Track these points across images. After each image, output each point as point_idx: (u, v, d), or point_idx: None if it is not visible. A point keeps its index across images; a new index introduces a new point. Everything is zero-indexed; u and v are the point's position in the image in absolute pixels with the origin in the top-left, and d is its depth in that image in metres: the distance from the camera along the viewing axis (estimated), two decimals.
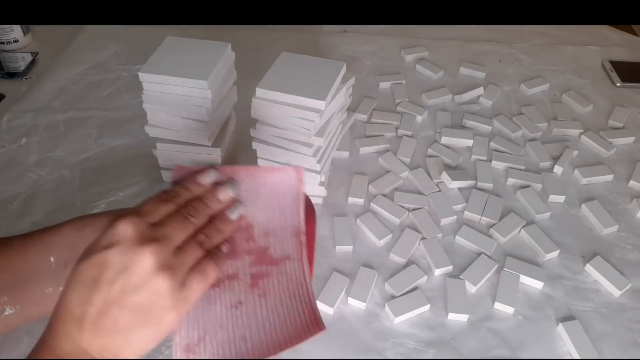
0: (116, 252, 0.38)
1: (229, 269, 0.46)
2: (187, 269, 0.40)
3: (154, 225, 0.40)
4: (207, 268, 0.42)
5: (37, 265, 0.47)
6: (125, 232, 0.38)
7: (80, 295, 0.38)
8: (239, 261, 0.46)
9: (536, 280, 0.66)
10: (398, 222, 0.73)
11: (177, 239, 0.40)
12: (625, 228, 0.74)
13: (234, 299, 0.45)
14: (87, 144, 0.83)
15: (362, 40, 1.07)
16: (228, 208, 0.46)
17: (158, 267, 0.38)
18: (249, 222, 0.47)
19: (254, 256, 0.47)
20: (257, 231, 0.47)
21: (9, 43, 1.01)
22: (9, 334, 0.55)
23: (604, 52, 1.07)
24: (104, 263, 0.38)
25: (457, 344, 0.60)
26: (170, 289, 0.38)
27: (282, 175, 0.48)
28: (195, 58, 0.68)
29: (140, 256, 0.38)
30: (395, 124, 0.88)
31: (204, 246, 0.42)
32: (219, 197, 0.45)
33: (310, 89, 0.66)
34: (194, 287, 0.40)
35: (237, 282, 0.46)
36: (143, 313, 0.38)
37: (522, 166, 0.81)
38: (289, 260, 0.47)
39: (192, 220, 0.42)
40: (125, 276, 0.38)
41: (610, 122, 0.90)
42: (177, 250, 0.40)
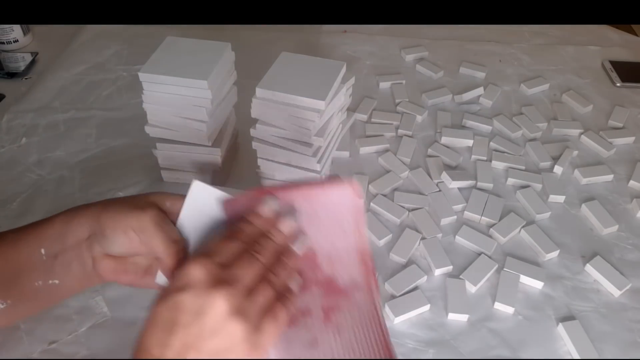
0: (190, 296, 0.38)
1: (300, 304, 0.44)
2: (259, 311, 0.40)
3: (223, 266, 0.39)
4: (278, 312, 0.41)
5: (28, 257, 0.47)
6: (196, 275, 0.38)
7: (158, 338, 0.38)
8: (309, 294, 0.44)
9: (536, 280, 0.66)
10: (398, 222, 0.73)
11: (247, 279, 0.40)
12: (625, 228, 0.74)
13: (310, 336, 0.43)
14: (87, 144, 0.83)
15: (362, 40, 1.07)
16: (292, 239, 0.44)
17: (232, 311, 0.38)
18: (311, 250, 0.44)
19: (322, 287, 0.44)
20: (321, 258, 0.45)
21: (9, 43, 1.01)
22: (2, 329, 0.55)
23: (604, 52, 1.07)
24: (179, 306, 0.38)
25: (457, 344, 0.60)
26: (245, 334, 0.38)
27: (339, 192, 0.44)
28: (195, 58, 0.68)
29: (213, 300, 0.38)
30: (395, 124, 0.88)
31: (275, 286, 0.41)
32: (282, 230, 0.43)
33: (310, 89, 0.66)
34: (268, 330, 0.40)
35: (310, 319, 0.44)
36: (219, 357, 0.38)
37: (522, 166, 0.81)
38: (357, 290, 0.45)
39: (260, 259, 0.41)
40: (200, 320, 0.38)
41: (610, 122, 0.90)
42: (249, 292, 0.39)
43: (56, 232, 0.47)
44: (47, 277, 0.47)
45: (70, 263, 0.47)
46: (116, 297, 0.62)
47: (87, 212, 0.47)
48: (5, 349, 0.57)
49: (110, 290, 0.63)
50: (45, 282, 0.47)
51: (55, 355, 0.57)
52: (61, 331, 0.59)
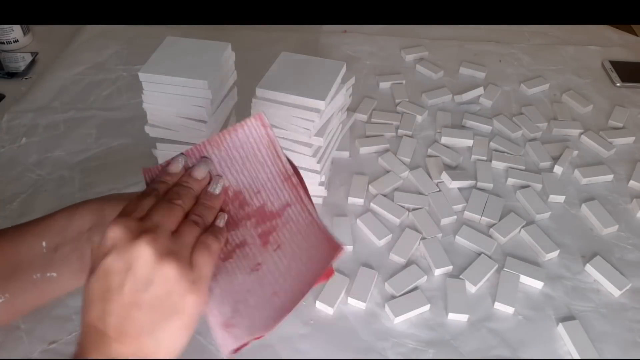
0: (114, 256, 0.38)
1: (235, 239, 0.45)
2: (189, 249, 0.40)
3: (141, 219, 0.39)
4: (208, 241, 0.41)
5: (29, 250, 0.47)
6: (116, 234, 0.38)
7: (97, 310, 0.38)
8: (243, 228, 0.46)
9: (536, 280, 0.66)
10: (398, 222, 0.73)
11: (169, 224, 0.40)
12: (625, 228, 0.74)
13: (252, 262, 0.45)
14: (87, 144, 0.83)
15: (362, 40, 1.07)
16: (209, 185, 0.45)
17: (159, 255, 0.37)
18: (236, 190, 0.47)
19: (254, 218, 0.46)
20: (248, 194, 0.46)
21: (9, 43, 1.01)
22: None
23: (604, 52, 1.07)
24: (107, 271, 0.38)
25: (457, 344, 0.60)
26: (179, 272, 0.38)
27: (247, 129, 0.46)
28: (195, 58, 0.68)
29: (138, 250, 0.37)
30: (395, 124, 0.88)
31: (199, 225, 0.42)
32: (195, 177, 0.44)
33: (310, 89, 0.66)
34: (201, 263, 0.40)
35: (248, 248, 0.45)
36: (162, 305, 0.38)
37: (522, 166, 0.81)
38: (289, 206, 0.46)
39: (177, 203, 0.41)
40: (131, 275, 0.37)
41: (610, 122, 0.91)
42: (173, 235, 0.39)
43: (58, 225, 0.47)
44: (45, 270, 0.47)
45: (69, 255, 0.47)
46: None
47: (90, 204, 0.47)
48: (5, 349, 0.57)
49: None
50: (43, 275, 0.47)
51: (55, 355, 0.57)
52: (61, 331, 0.59)
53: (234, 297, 0.43)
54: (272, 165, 0.47)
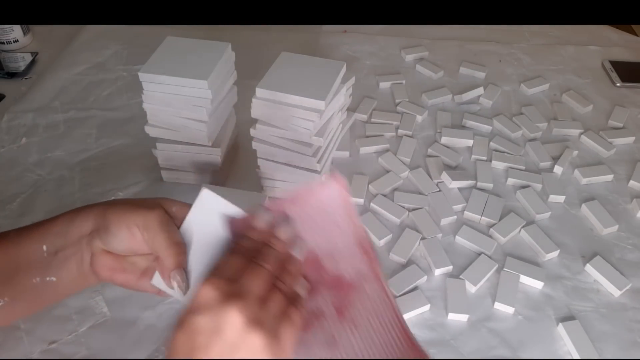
0: (205, 317, 0.38)
1: (312, 307, 0.45)
2: (274, 319, 0.40)
3: (231, 281, 0.40)
4: (292, 315, 0.41)
5: (29, 254, 0.47)
6: (207, 294, 0.38)
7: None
8: (319, 296, 0.45)
9: (536, 280, 0.66)
10: (398, 222, 0.73)
11: (257, 289, 0.40)
12: (625, 228, 0.74)
13: (328, 336, 0.44)
14: (87, 144, 0.83)
15: (362, 40, 1.07)
16: (291, 246, 0.45)
17: (248, 322, 0.38)
18: (313, 252, 0.45)
19: (330, 286, 0.45)
20: (324, 258, 0.45)
21: (9, 43, 1.01)
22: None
23: (604, 52, 1.07)
24: (196, 330, 0.38)
25: (457, 344, 0.60)
26: (265, 343, 0.38)
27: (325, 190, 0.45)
28: (195, 58, 0.68)
29: (228, 315, 0.38)
30: (395, 124, 0.88)
31: (285, 294, 0.42)
32: (280, 238, 0.44)
33: (310, 89, 0.66)
34: (286, 336, 0.40)
35: (324, 319, 0.45)
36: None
37: (522, 166, 0.81)
38: (365, 280, 0.45)
39: (265, 267, 0.41)
40: (219, 338, 0.38)
41: (610, 122, 0.91)
42: (261, 302, 0.40)
43: (60, 228, 0.47)
44: (45, 274, 0.47)
45: (69, 259, 0.47)
46: (116, 297, 0.62)
47: (92, 208, 0.47)
48: (5, 349, 0.57)
49: (110, 290, 0.63)
50: (42, 279, 0.47)
51: (55, 355, 0.57)
52: (61, 331, 0.59)
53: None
54: (348, 231, 0.46)
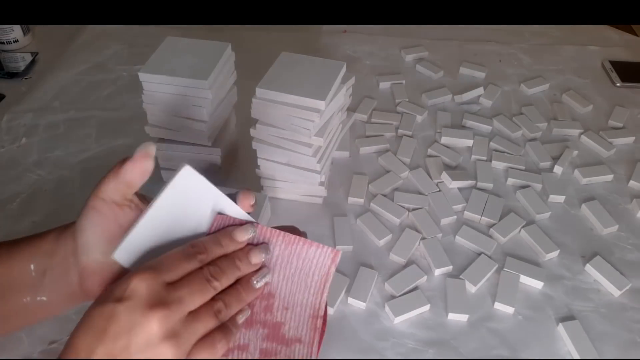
0: (125, 309, 0.37)
1: (241, 338, 0.45)
2: (196, 338, 0.39)
3: (169, 286, 0.38)
4: (217, 343, 0.40)
5: (19, 273, 0.46)
6: (137, 289, 0.37)
7: (87, 342, 0.38)
8: (253, 332, 0.45)
9: (536, 280, 0.66)
10: (398, 222, 0.73)
11: (191, 304, 0.39)
12: (625, 228, 0.74)
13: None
14: (87, 144, 0.83)
15: (362, 40, 1.07)
16: (256, 273, 0.44)
17: (164, 334, 0.37)
18: (271, 292, 0.46)
19: (267, 330, 0.45)
20: (277, 303, 0.46)
21: (9, 43, 1.01)
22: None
23: (604, 52, 1.07)
24: (112, 316, 0.37)
25: (457, 344, 0.60)
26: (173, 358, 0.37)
27: (317, 251, 0.45)
28: (195, 58, 0.68)
29: (147, 321, 0.37)
30: (395, 124, 0.88)
31: (220, 316, 0.41)
32: (250, 260, 0.43)
33: (310, 89, 0.66)
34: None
35: (246, 354, 0.45)
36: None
37: (522, 166, 0.81)
38: (300, 343, 0.45)
39: (213, 285, 0.40)
40: (129, 336, 0.37)
41: (610, 122, 0.90)
42: (190, 317, 0.39)
43: (47, 247, 0.46)
44: (35, 294, 0.46)
45: (58, 280, 0.46)
46: None
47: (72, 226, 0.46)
48: (5, 349, 0.57)
49: None
50: (33, 298, 0.46)
51: (55, 355, 0.57)
52: (61, 331, 0.59)
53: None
54: (313, 295, 0.46)
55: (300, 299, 0.46)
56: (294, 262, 0.45)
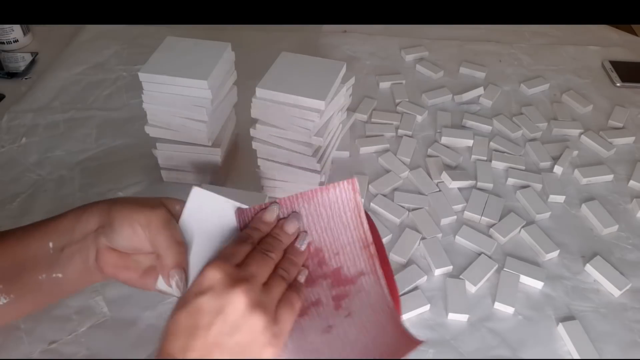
0: (210, 297, 0.40)
1: (311, 296, 0.47)
2: (275, 303, 0.42)
3: (238, 266, 0.42)
4: (292, 299, 0.43)
5: (35, 250, 0.47)
6: (215, 277, 0.40)
7: (180, 344, 0.39)
8: (318, 287, 0.47)
9: (536, 280, 0.66)
10: (398, 222, 0.73)
11: (262, 276, 0.42)
12: (625, 228, 0.74)
13: (324, 323, 0.46)
14: (87, 144, 0.83)
15: (362, 40, 1.07)
16: (296, 239, 0.47)
17: (251, 305, 0.39)
18: (317, 247, 0.48)
19: (330, 279, 0.48)
20: (327, 253, 0.48)
21: (9, 43, 1.01)
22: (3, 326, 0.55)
23: (604, 52, 1.07)
24: (199, 309, 0.40)
25: (457, 344, 0.60)
26: (265, 325, 0.40)
27: (337, 191, 0.47)
28: (195, 58, 0.68)
29: (233, 297, 0.39)
30: (395, 124, 0.88)
31: (286, 280, 0.44)
32: (286, 231, 0.46)
33: (310, 89, 0.66)
34: (285, 319, 0.42)
35: (322, 307, 0.47)
36: (243, 352, 0.40)
37: (522, 166, 0.81)
38: (363, 275, 0.47)
39: (271, 256, 0.44)
40: (221, 318, 0.39)
41: (610, 122, 0.90)
42: (264, 287, 0.42)
43: (67, 225, 0.48)
44: (51, 270, 0.47)
45: (75, 255, 0.47)
46: (116, 297, 0.62)
47: (98, 205, 0.48)
48: (5, 349, 0.57)
49: (110, 290, 0.63)
50: (49, 275, 0.47)
51: (55, 355, 0.57)
52: (61, 331, 0.59)
53: (304, 353, 0.44)
54: (354, 230, 0.48)
55: (345, 239, 0.48)
56: (323, 212, 0.48)
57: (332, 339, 0.45)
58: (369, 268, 0.47)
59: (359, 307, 0.46)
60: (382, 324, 0.45)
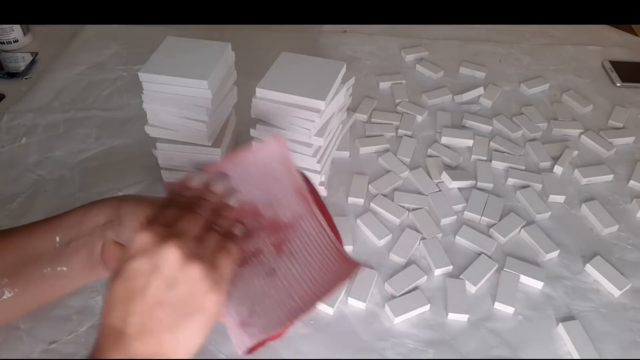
0: (141, 259, 0.39)
1: (250, 247, 0.48)
2: (211, 252, 0.41)
3: (168, 225, 0.41)
4: (228, 246, 0.43)
5: (42, 245, 0.48)
6: (144, 238, 0.39)
7: (119, 311, 0.39)
8: (257, 239, 0.48)
9: (536, 280, 0.66)
10: (398, 222, 0.73)
11: (193, 230, 0.41)
12: (625, 228, 0.74)
13: (267, 268, 0.47)
14: (87, 144, 0.83)
15: (362, 40, 1.07)
16: (226, 197, 0.47)
17: (185, 256, 0.39)
18: (251, 203, 0.49)
19: (268, 229, 0.49)
20: (262, 207, 0.49)
21: (9, 43, 1.01)
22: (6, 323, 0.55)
23: (604, 52, 1.07)
24: (133, 273, 0.39)
25: (457, 344, 0.60)
26: (202, 273, 0.39)
27: (264, 149, 0.49)
28: (195, 58, 0.68)
29: (165, 252, 0.39)
30: (395, 124, 0.88)
31: (218, 232, 0.44)
32: (214, 190, 0.46)
33: (310, 89, 0.66)
34: (223, 264, 0.41)
35: (262, 255, 0.48)
36: (185, 304, 0.39)
37: (522, 166, 0.81)
38: (301, 219, 0.49)
39: (200, 212, 0.43)
40: (157, 276, 0.39)
41: (610, 122, 0.90)
42: (197, 240, 0.41)
43: (74, 220, 0.48)
44: (55, 264, 0.48)
45: (81, 249, 0.48)
46: None
47: (108, 201, 0.48)
48: (5, 349, 0.57)
49: None
50: (53, 269, 0.48)
51: (55, 355, 0.57)
52: (61, 331, 0.59)
53: (251, 299, 0.45)
54: (285, 178, 0.50)
55: (277, 190, 0.50)
56: (253, 170, 0.49)
57: (277, 280, 0.46)
58: (304, 210, 0.49)
59: (300, 247, 0.48)
60: (325, 255, 0.47)
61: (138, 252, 0.39)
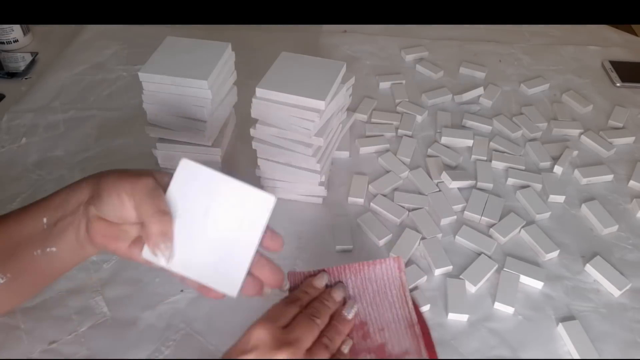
0: (255, 357, 0.41)
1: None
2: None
3: (284, 329, 0.43)
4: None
5: (30, 228, 0.48)
6: (261, 337, 0.42)
7: None
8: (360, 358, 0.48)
9: (536, 280, 0.66)
10: (398, 222, 0.73)
11: (306, 341, 0.44)
12: (625, 228, 0.74)
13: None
14: (87, 144, 0.83)
15: (362, 40, 1.07)
16: (343, 307, 0.49)
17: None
18: (362, 320, 0.49)
19: (373, 354, 0.48)
20: (372, 327, 0.49)
21: (9, 43, 1.01)
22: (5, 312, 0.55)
23: (604, 52, 1.07)
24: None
25: (457, 344, 0.60)
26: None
27: (383, 267, 0.50)
28: (195, 58, 0.68)
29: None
30: (395, 124, 0.88)
31: (329, 349, 0.45)
32: (334, 298, 0.48)
33: (310, 89, 0.66)
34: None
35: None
36: None
37: (522, 166, 0.81)
38: (408, 354, 0.48)
39: (317, 322, 0.45)
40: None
41: (610, 122, 0.91)
42: (307, 353, 0.43)
43: (59, 200, 0.48)
44: (45, 245, 0.48)
45: (67, 228, 0.48)
46: (116, 297, 0.62)
47: (89, 178, 0.49)
48: (5, 349, 0.57)
49: (110, 290, 0.63)
50: (43, 250, 0.48)
51: (55, 355, 0.57)
52: (61, 331, 0.59)
53: None
54: (399, 308, 0.49)
55: (390, 316, 0.49)
56: (369, 287, 0.50)
57: None
58: (414, 348, 0.48)
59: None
60: None
61: (252, 348, 0.41)
